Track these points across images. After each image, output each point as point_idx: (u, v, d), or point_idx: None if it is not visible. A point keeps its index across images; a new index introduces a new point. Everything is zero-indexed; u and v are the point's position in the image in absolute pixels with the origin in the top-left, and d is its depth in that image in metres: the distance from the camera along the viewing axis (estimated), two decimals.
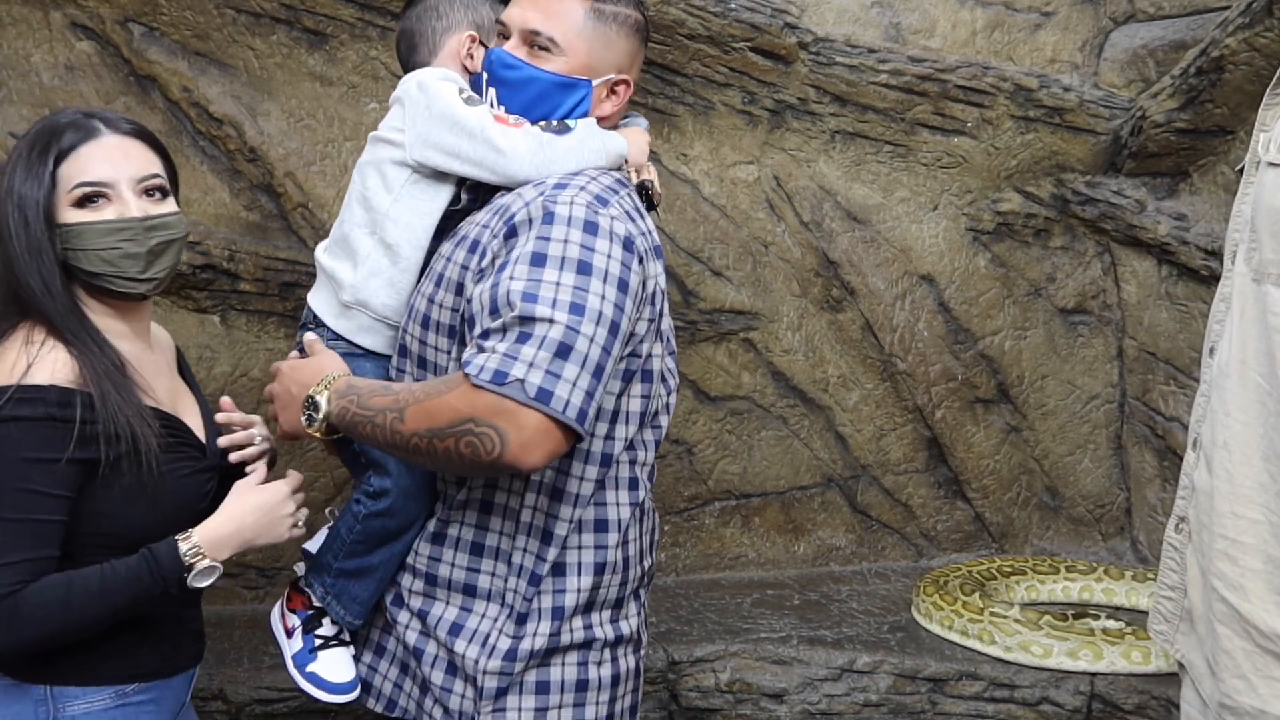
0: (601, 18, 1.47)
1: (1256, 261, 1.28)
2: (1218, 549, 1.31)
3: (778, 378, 2.87)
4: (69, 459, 1.30)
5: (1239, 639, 1.28)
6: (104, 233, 1.37)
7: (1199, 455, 1.40)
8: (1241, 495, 1.28)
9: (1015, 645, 2.27)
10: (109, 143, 1.39)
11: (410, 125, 1.48)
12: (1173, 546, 1.46)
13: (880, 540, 2.98)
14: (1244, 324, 1.30)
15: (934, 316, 2.91)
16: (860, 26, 2.74)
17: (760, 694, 2.26)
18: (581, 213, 1.32)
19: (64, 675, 1.36)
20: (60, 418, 1.30)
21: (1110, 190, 2.85)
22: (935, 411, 2.92)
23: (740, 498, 2.90)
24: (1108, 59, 2.84)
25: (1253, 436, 1.27)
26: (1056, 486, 3.01)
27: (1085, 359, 2.98)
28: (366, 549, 1.48)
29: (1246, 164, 1.41)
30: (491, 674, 1.39)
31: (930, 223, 2.89)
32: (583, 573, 1.42)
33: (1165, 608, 1.48)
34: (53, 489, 1.30)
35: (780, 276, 2.84)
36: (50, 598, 1.28)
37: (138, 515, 1.37)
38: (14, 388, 1.29)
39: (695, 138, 2.78)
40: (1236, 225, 1.39)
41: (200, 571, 1.37)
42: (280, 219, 2.52)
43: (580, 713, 1.43)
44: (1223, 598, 1.30)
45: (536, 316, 1.24)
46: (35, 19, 2.37)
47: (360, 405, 1.34)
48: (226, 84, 2.47)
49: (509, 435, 1.22)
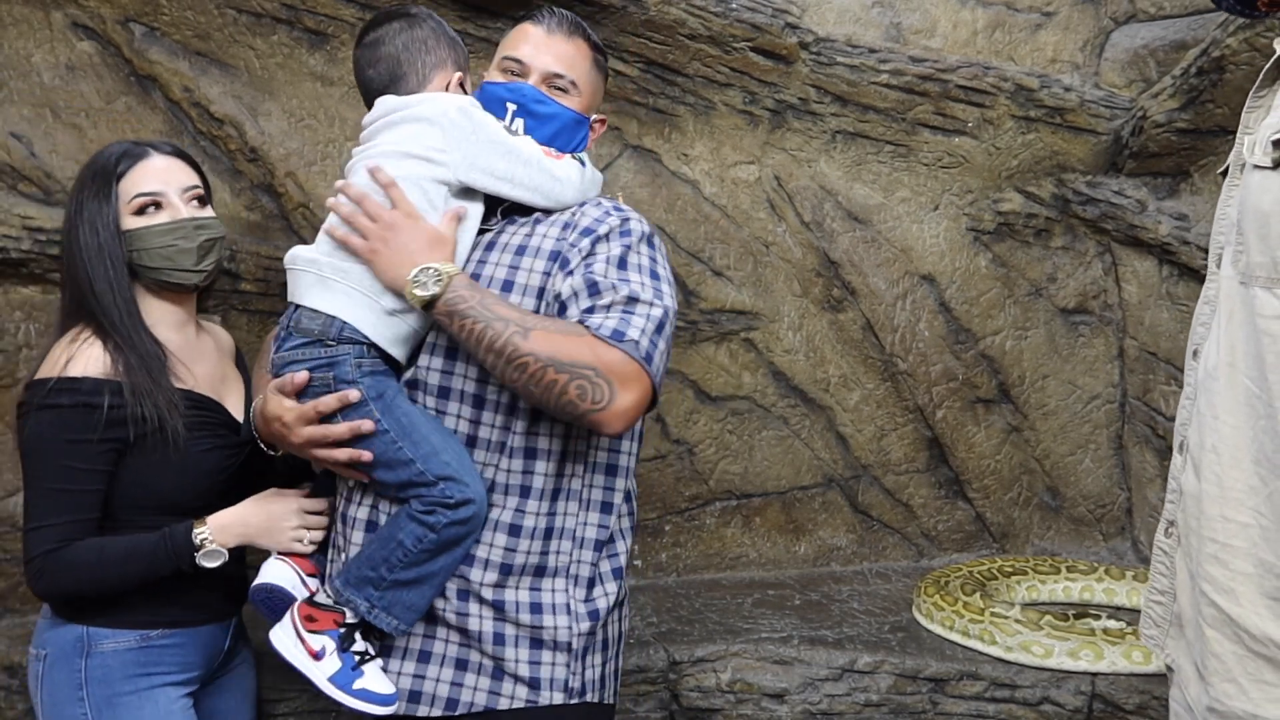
0: (598, 67, 1.73)
1: (1243, 264, 1.27)
2: (1207, 553, 1.30)
3: (779, 378, 2.88)
4: (100, 438, 1.58)
5: (1229, 643, 1.27)
6: (161, 233, 1.67)
7: (1185, 459, 1.38)
8: (1231, 499, 1.27)
9: (1016, 645, 2.27)
10: (157, 162, 1.70)
11: (455, 147, 1.55)
12: (1162, 551, 1.45)
13: (881, 540, 2.98)
14: (1231, 327, 1.29)
15: (935, 316, 2.91)
16: (861, 26, 2.74)
17: (761, 694, 2.26)
18: (646, 229, 1.59)
19: (96, 618, 1.64)
20: (91, 404, 1.57)
21: (1111, 190, 2.85)
22: (936, 411, 2.92)
23: (741, 498, 2.90)
24: (1108, 59, 2.84)
25: (1242, 440, 1.26)
26: (1057, 486, 3.01)
27: (1086, 359, 2.98)
28: (431, 556, 1.50)
29: (1231, 166, 1.40)
30: (582, 635, 1.56)
31: (931, 223, 2.89)
32: (626, 537, 1.65)
33: (1155, 612, 1.47)
34: (89, 464, 1.58)
35: (781, 276, 2.84)
36: (83, 559, 1.57)
37: (167, 482, 1.65)
38: (55, 379, 1.58)
39: (696, 138, 2.78)
40: (1221, 228, 1.38)
41: (207, 553, 1.63)
42: (281, 219, 2.52)
43: (619, 661, 1.69)
44: (1213, 601, 1.29)
45: (641, 299, 1.46)
46: (36, 19, 2.37)
47: (483, 304, 1.45)
48: (227, 84, 2.47)
49: (617, 397, 1.42)
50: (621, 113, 2.73)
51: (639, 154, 2.77)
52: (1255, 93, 1.38)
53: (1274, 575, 1.21)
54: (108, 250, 1.64)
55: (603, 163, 2.73)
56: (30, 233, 2.27)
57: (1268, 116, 1.30)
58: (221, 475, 1.72)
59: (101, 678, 1.63)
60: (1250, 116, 1.38)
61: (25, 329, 2.32)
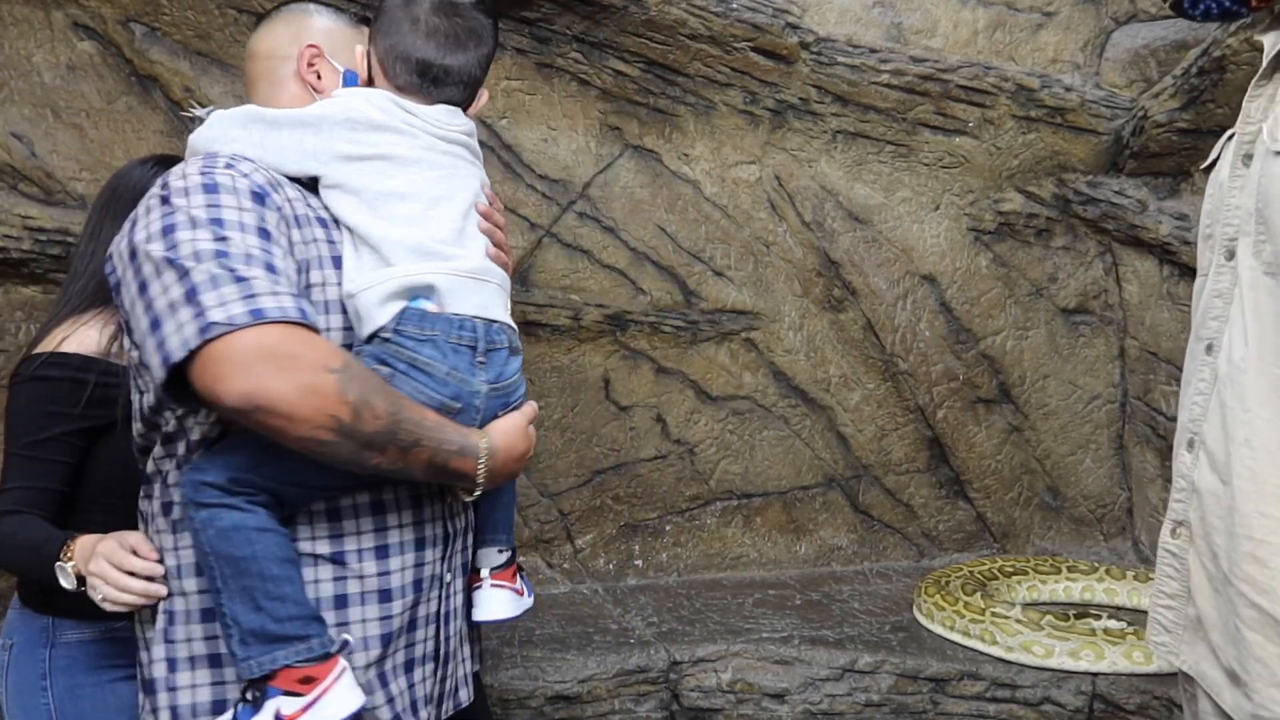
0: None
1: (1268, 254, 1.24)
2: (1244, 551, 1.25)
3: (779, 378, 2.88)
4: (81, 413, 1.59)
5: (1272, 645, 1.22)
6: None
7: (1197, 456, 1.34)
8: (1268, 494, 1.23)
9: (1017, 645, 2.27)
10: None
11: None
12: (1170, 553, 1.40)
13: (882, 540, 2.98)
14: (1258, 319, 1.25)
15: (935, 316, 2.90)
16: (862, 26, 2.74)
17: (762, 694, 2.26)
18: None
19: (62, 610, 1.64)
20: (79, 379, 1.59)
21: (1112, 190, 2.85)
22: (937, 411, 2.92)
23: (742, 497, 2.90)
24: (1109, 59, 2.84)
25: (1276, 433, 1.23)
26: (1058, 486, 3.01)
27: (1087, 359, 2.98)
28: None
29: (1233, 157, 1.36)
30: None
31: (932, 223, 2.89)
32: None
33: (1166, 617, 1.42)
34: (64, 436, 1.59)
35: (782, 276, 2.84)
36: (6, 533, 1.55)
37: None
38: (48, 354, 1.62)
39: (697, 138, 2.78)
40: (1231, 219, 1.34)
41: (62, 571, 1.50)
42: None
43: None
44: (1252, 603, 1.24)
45: None
46: (37, 19, 2.37)
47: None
48: (228, 84, 2.47)
49: None
50: (622, 113, 2.73)
51: (640, 154, 2.77)
52: (1256, 82, 1.36)
53: None
54: None
55: (603, 163, 2.73)
56: (31, 233, 2.27)
57: (1275, 106, 1.28)
58: None
59: (65, 668, 1.64)
60: (1252, 106, 1.35)
61: (26, 329, 2.32)
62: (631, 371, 2.78)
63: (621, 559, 2.82)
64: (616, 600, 2.66)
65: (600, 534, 2.79)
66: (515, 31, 2.59)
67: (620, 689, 2.24)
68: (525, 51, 2.63)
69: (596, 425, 2.76)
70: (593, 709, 2.22)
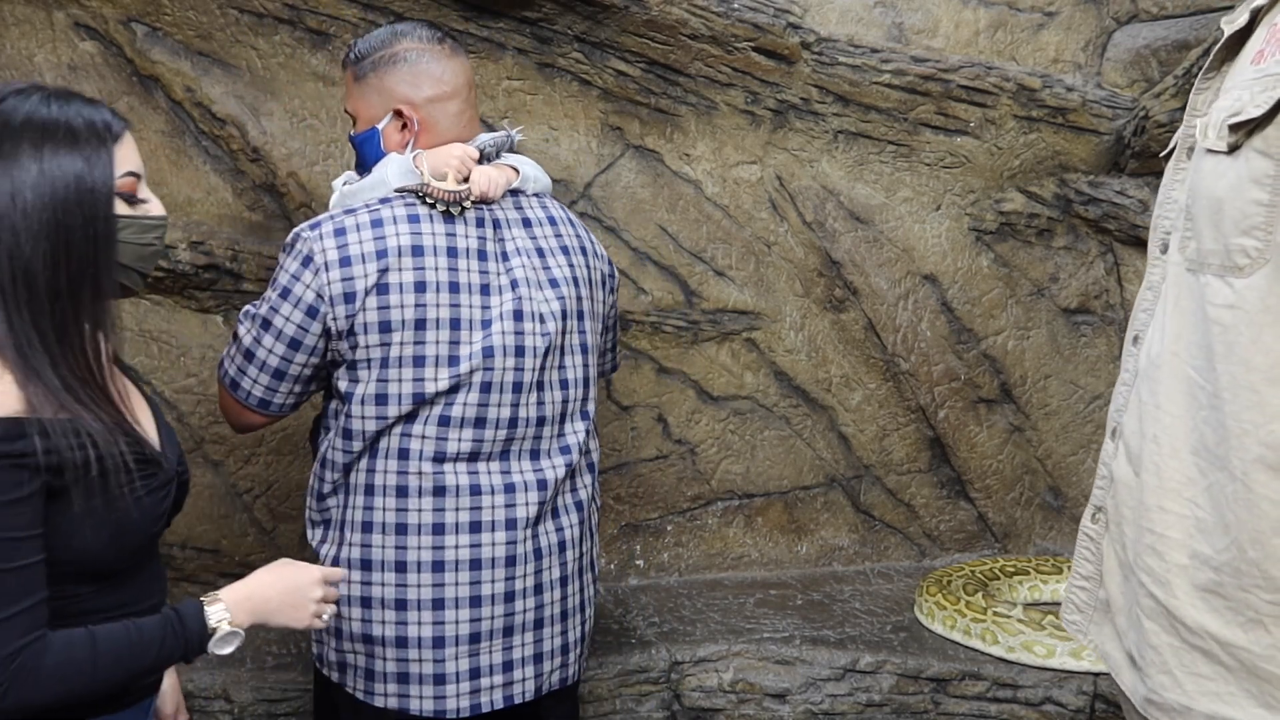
0: (356, 76, 1.81)
1: (1193, 251, 1.23)
2: (1145, 544, 1.27)
3: (780, 378, 2.88)
4: (32, 493, 1.17)
5: (1166, 634, 1.24)
6: (147, 228, 1.31)
7: (1118, 445, 1.36)
8: (1169, 489, 1.24)
9: (1018, 645, 2.27)
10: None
11: None
12: (1088, 536, 1.43)
13: (883, 540, 2.98)
14: (1177, 315, 1.25)
15: (937, 316, 2.90)
16: (863, 26, 2.74)
17: (763, 694, 2.26)
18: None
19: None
20: (14, 452, 1.16)
21: (1113, 190, 2.85)
22: (938, 411, 2.92)
23: (743, 498, 2.90)
24: (1111, 59, 2.84)
25: (1182, 430, 1.23)
26: (1059, 486, 3.01)
27: (1088, 359, 2.98)
28: None
29: (1177, 150, 1.35)
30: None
31: (933, 223, 2.89)
32: None
33: (1079, 598, 1.46)
34: (27, 530, 1.18)
35: (783, 276, 2.84)
36: (76, 656, 1.19)
37: (98, 541, 1.25)
38: None
39: (698, 138, 2.78)
40: (1166, 213, 1.33)
41: (222, 637, 1.31)
42: (283, 219, 2.52)
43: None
44: (1150, 593, 1.26)
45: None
46: (38, 19, 2.37)
47: None
48: (229, 84, 2.47)
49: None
50: (623, 113, 2.73)
51: (641, 154, 2.77)
52: (1204, 74, 1.35)
53: (1209, 568, 1.19)
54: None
55: (604, 163, 2.73)
56: None
57: (1218, 99, 1.27)
58: (155, 527, 1.33)
59: None
60: (1199, 99, 1.34)
61: None
62: (633, 371, 2.78)
63: (623, 559, 2.83)
64: (618, 600, 2.66)
65: (601, 534, 2.79)
66: (516, 32, 2.59)
67: (621, 689, 2.24)
68: (526, 52, 2.63)
69: (598, 425, 2.76)
70: (594, 709, 2.23)
